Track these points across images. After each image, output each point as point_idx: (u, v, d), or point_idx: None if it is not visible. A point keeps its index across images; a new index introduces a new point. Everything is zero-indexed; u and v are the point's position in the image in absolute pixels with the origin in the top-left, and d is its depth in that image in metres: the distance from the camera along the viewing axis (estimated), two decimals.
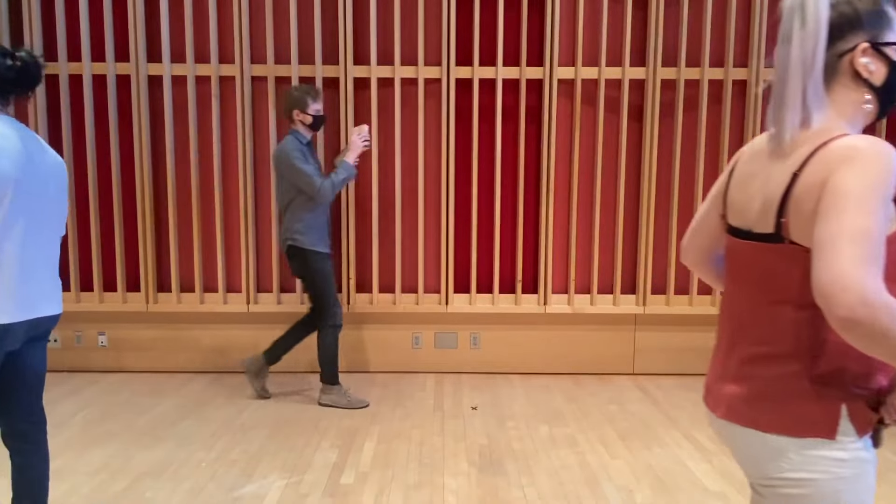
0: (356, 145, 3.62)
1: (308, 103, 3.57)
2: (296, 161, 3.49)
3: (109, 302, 4.25)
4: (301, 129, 3.62)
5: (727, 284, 1.28)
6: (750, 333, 1.19)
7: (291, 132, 3.62)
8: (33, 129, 4.08)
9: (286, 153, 3.52)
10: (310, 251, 3.60)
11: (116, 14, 4.10)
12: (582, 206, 4.29)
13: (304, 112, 3.58)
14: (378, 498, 2.67)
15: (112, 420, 3.48)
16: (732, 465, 2.99)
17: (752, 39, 4.14)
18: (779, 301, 1.14)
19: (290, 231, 3.61)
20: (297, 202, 3.58)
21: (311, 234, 3.60)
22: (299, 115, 3.59)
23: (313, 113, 3.59)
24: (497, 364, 4.36)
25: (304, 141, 3.61)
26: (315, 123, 3.63)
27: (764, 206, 1.14)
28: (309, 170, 3.51)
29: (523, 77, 4.14)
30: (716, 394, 1.27)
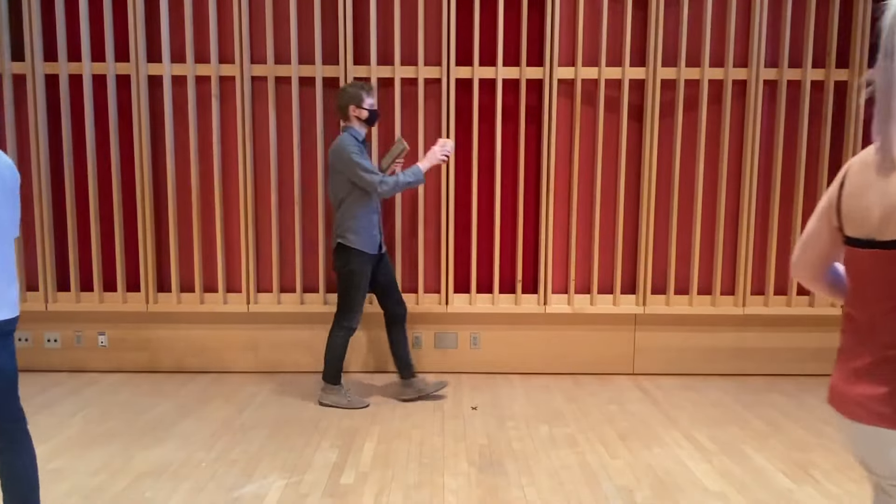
0: (435, 156, 3.61)
1: (363, 98, 3.58)
2: (353, 156, 3.48)
3: (109, 302, 4.25)
4: (356, 125, 3.62)
5: (851, 291, 1.32)
6: (879, 338, 1.24)
7: (346, 129, 3.61)
8: (33, 129, 4.10)
9: (344, 148, 3.51)
10: (355, 251, 3.59)
11: (116, 14, 4.10)
12: (582, 206, 4.29)
13: (359, 107, 3.58)
14: (378, 498, 2.67)
15: (112, 420, 3.48)
16: (732, 465, 2.99)
17: (752, 39, 4.14)
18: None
19: (341, 229, 3.60)
20: (350, 200, 3.56)
21: (362, 234, 3.59)
22: (355, 110, 3.58)
23: (368, 107, 3.60)
24: (497, 364, 4.36)
25: (359, 138, 3.60)
26: (370, 118, 3.63)
27: (884, 215, 1.18)
28: (368, 165, 3.50)
29: (523, 77, 4.14)
30: (844, 395, 1.31)
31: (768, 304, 4.30)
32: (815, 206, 4.46)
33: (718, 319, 4.33)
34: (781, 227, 4.29)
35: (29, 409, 3.68)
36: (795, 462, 3.04)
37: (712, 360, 4.36)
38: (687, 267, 4.32)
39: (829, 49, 4.14)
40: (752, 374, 4.35)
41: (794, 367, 4.37)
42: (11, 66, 4.09)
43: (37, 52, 4.06)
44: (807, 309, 4.30)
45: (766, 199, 4.29)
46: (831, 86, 4.16)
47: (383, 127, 4.21)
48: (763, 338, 4.35)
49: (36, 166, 4.12)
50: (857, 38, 4.13)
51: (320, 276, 4.24)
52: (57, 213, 4.23)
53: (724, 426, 3.47)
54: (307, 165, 4.22)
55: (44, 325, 4.28)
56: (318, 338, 4.31)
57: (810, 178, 4.27)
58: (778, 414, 3.66)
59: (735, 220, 4.29)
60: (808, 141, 4.23)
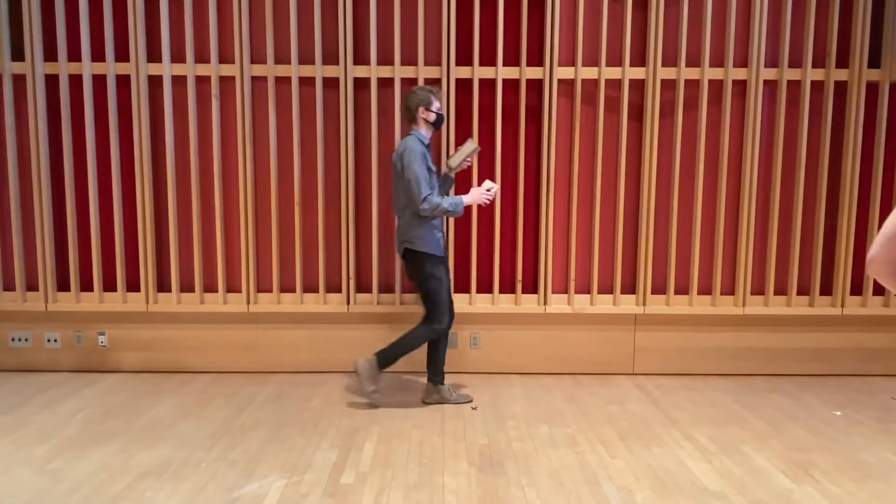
0: (480, 196, 3.60)
1: (432, 101, 3.58)
2: (414, 163, 3.46)
3: (109, 302, 4.25)
4: (423, 129, 3.62)
5: None
6: None
7: (413, 132, 3.60)
8: (33, 129, 4.10)
9: (411, 152, 3.49)
10: (425, 254, 3.57)
11: (116, 14, 4.11)
12: (582, 206, 4.29)
13: (428, 110, 3.58)
14: (378, 498, 2.67)
15: (112, 420, 3.48)
16: (732, 465, 2.99)
17: (752, 39, 4.14)
18: None
19: (407, 234, 3.58)
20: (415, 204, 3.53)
21: (427, 237, 3.57)
22: (424, 112, 3.58)
23: (436, 111, 3.60)
24: (497, 364, 4.36)
25: (425, 142, 3.59)
26: (437, 121, 3.63)
27: None
28: (422, 176, 3.47)
29: (523, 77, 4.14)
30: None
31: (768, 304, 4.30)
32: (815, 206, 4.45)
33: (718, 319, 4.33)
34: (781, 227, 4.29)
35: (29, 409, 3.70)
36: (795, 462, 3.04)
37: (712, 360, 4.36)
38: (687, 267, 4.32)
39: (829, 49, 4.14)
40: (752, 374, 4.35)
41: (794, 367, 4.37)
42: (11, 66, 4.09)
43: (37, 52, 4.06)
44: (807, 309, 4.30)
45: (766, 199, 4.29)
46: (831, 86, 4.16)
47: (383, 127, 4.21)
48: (763, 338, 4.35)
49: (36, 166, 4.12)
50: (857, 38, 4.12)
51: (320, 276, 4.24)
52: (57, 213, 4.23)
53: (724, 426, 3.47)
54: (307, 165, 4.22)
55: (44, 325, 4.28)
56: (319, 338, 4.32)
57: (810, 178, 4.28)
58: (778, 414, 3.66)
59: (735, 220, 4.29)
60: (808, 141, 4.24)
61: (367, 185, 4.24)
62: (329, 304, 4.26)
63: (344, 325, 4.31)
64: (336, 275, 4.31)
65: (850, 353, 4.36)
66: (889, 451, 3.17)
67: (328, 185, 4.25)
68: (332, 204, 4.27)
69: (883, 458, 3.10)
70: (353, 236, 4.23)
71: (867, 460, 3.07)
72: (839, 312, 4.30)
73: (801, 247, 4.30)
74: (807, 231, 4.31)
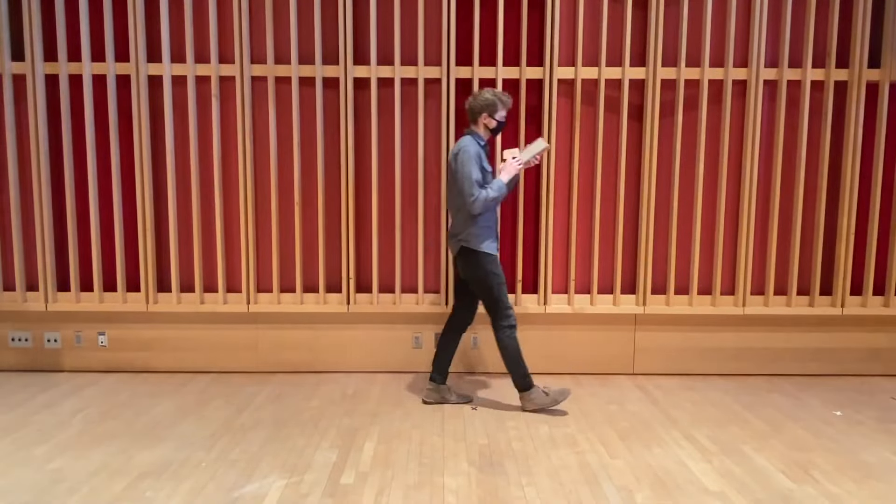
0: (511, 166, 3.57)
1: (498, 108, 3.55)
2: (467, 163, 3.45)
3: (109, 302, 4.25)
4: (481, 132, 3.60)
5: None
6: None
7: (471, 133, 3.58)
8: (33, 129, 4.10)
9: (465, 152, 3.48)
10: (482, 253, 3.54)
11: (116, 14, 4.10)
12: (582, 206, 4.29)
13: (491, 117, 3.56)
14: (378, 498, 2.67)
15: (112, 420, 3.48)
16: (732, 465, 2.99)
17: (752, 39, 4.14)
18: None
19: (462, 232, 3.56)
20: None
21: (483, 235, 3.54)
22: (487, 118, 3.56)
23: (499, 119, 3.58)
24: (497, 364, 4.34)
25: (481, 143, 3.58)
26: (497, 129, 3.61)
27: None
28: (475, 176, 3.45)
29: (523, 77, 4.14)
30: None
31: (768, 304, 4.30)
32: (815, 206, 4.46)
33: (718, 319, 4.33)
34: (781, 227, 4.29)
35: (29, 409, 3.70)
36: (795, 462, 3.04)
37: (712, 360, 4.36)
38: (687, 267, 4.32)
39: (829, 49, 4.14)
40: (752, 374, 4.35)
41: (794, 367, 4.37)
42: (11, 66, 4.09)
43: (37, 52, 4.06)
44: (807, 309, 4.30)
45: (766, 199, 4.29)
46: (831, 86, 4.16)
47: (383, 127, 4.21)
48: (763, 338, 4.35)
49: (36, 166, 4.12)
50: (857, 38, 4.12)
51: (320, 275, 4.24)
52: (57, 213, 4.23)
53: (724, 426, 3.47)
54: (307, 165, 4.22)
55: (44, 325, 4.28)
56: (319, 338, 4.32)
57: (810, 178, 4.28)
58: (778, 414, 3.66)
59: (735, 220, 4.29)
60: (808, 141, 4.24)
61: (367, 185, 4.24)
62: (329, 304, 4.26)
63: (344, 325, 4.31)
64: (336, 275, 4.31)
65: (850, 353, 4.36)
66: (889, 451, 3.17)
67: (328, 185, 4.25)
68: (332, 204, 4.27)
69: (883, 458, 3.10)
70: (353, 236, 4.23)
71: (867, 460, 3.07)
72: (839, 312, 4.30)
73: (801, 247, 4.30)
74: (807, 231, 4.31)
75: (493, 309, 3.61)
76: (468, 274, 3.62)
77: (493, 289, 3.57)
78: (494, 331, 3.64)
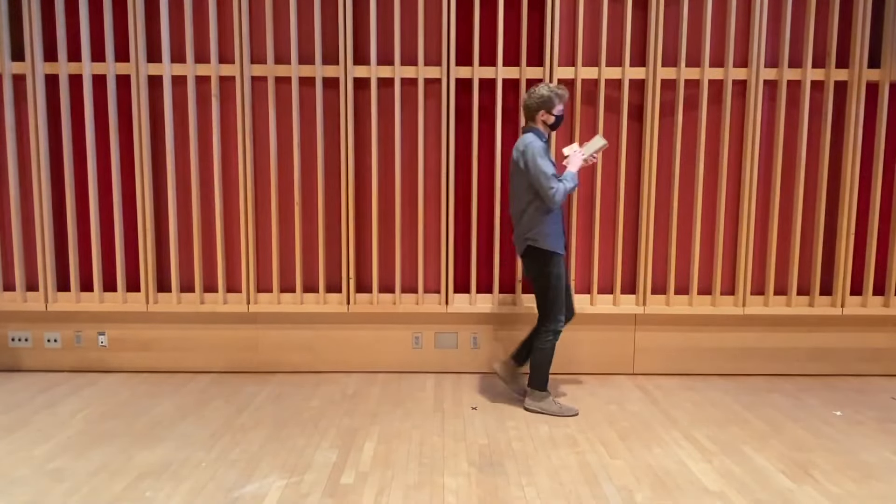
0: (578, 157, 3.58)
1: (556, 104, 3.54)
2: (538, 158, 3.43)
3: (109, 302, 4.25)
4: (540, 128, 3.59)
5: None
6: None
7: (531, 130, 3.57)
8: (33, 129, 4.10)
9: (533, 148, 3.46)
10: (550, 253, 3.53)
11: (116, 14, 4.11)
12: (582, 206, 4.29)
13: (549, 112, 3.55)
14: (378, 498, 2.67)
15: (112, 420, 3.48)
16: (732, 465, 2.99)
17: (752, 39, 4.14)
18: None
19: (530, 231, 3.53)
20: (539, 201, 3.50)
21: (552, 235, 3.53)
22: (544, 114, 3.55)
23: (557, 114, 3.57)
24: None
25: (543, 139, 3.56)
26: (555, 124, 3.60)
27: None
28: (549, 170, 3.44)
29: (523, 77, 4.14)
30: None
31: (768, 304, 4.30)
32: (815, 206, 4.45)
33: (718, 319, 4.33)
34: (781, 227, 4.29)
35: (29, 409, 3.70)
36: (795, 462, 3.04)
37: (712, 360, 4.36)
38: (687, 267, 4.32)
39: (829, 49, 4.14)
40: (752, 374, 4.35)
41: (794, 367, 4.37)
42: (11, 66, 4.09)
43: (37, 52, 4.06)
44: (807, 309, 4.30)
45: (766, 199, 4.29)
46: (831, 86, 4.16)
47: (383, 127, 4.21)
48: (763, 338, 4.35)
49: (36, 166, 4.12)
50: (857, 38, 4.12)
51: (320, 275, 4.24)
52: (57, 213, 4.23)
53: (724, 426, 3.47)
54: (307, 165, 4.22)
55: (44, 325, 4.28)
56: (318, 338, 4.32)
57: (810, 178, 4.28)
58: (778, 414, 3.66)
59: (735, 220, 4.29)
60: (808, 141, 4.24)
61: (367, 185, 4.24)
62: (329, 304, 4.26)
63: (344, 325, 4.32)
64: (336, 275, 4.31)
65: (850, 353, 4.36)
66: (889, 451, 3.17)
67: (328, 185, 4.25)
68: (332, 204, 4.27)
69: (883, 458, 3.10)
70: (353, 236, 4.23)
71: (867, 460, 3.07)
72: (839, 312, 4.30)
73: (801, 247, 4.30)
74: (807, 231, 4.31)
75: (546, 310, 3.61)
76: (533, 272, 3.61)
77: (552, 290, 3.57)
78: (537, 330, 3.65)
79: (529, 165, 3.45)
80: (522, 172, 3.50)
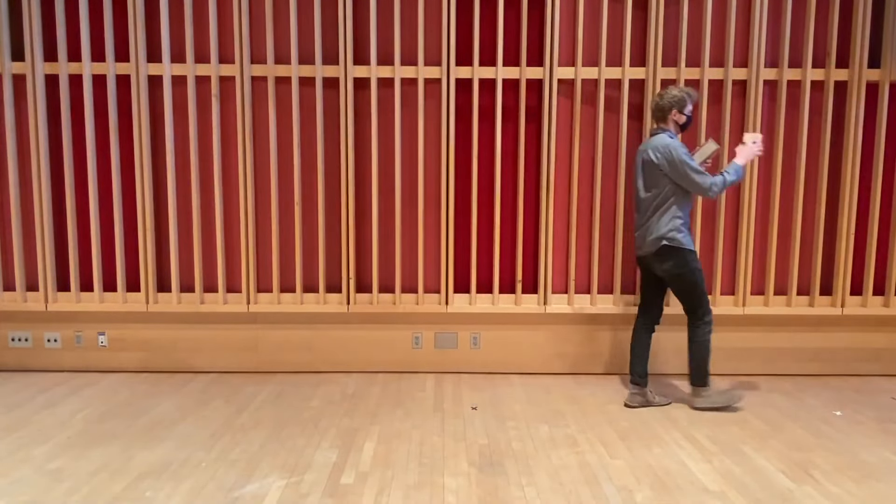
0: (752, 152, 3.59)
1: (687, 104, 3.58)
2: (685, 157, 3.48)
3: (109, 302, 4.25)
4: (672, 129, 3.61)
5: None
6: None
7: (663, 131, 3.60)
8: (33, 129, 4.10)
9: (675, 148, 3.49)
10: (687, 251, 3.56)
11: (116, 14, 4.11)
12: (582, 206, 4.29)
13: (681, 112, 3.58)
14: (378, 498, 2.67)
15: (112, 420, 3.48)
16: (732, 465, 2.99)
17: (752, 39, 4.14)
18: None
19: (665, 230, 3.55)
20: (674, 199, 3.53)
21: (687, 233, 3.58)
22: (676, 114, 3.58)
23: (688, 114, 3.61)
24: (497, 364, 4.36)
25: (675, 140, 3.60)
26: (686, 124, 3.64)
27: None
28: (698, 166, 3.49)
29: (523, 77, 4.14)
30: None
31: (768, 304, 4.30)
32: (815, 206, 4.43)
33: (719, 319, 4.32)
34: (781, 227, 4.29)
35: (29, 409, 3.70)
36: (795, 462, 3.04)
37: (712, 360, 4.35)
38: None
39: (829, 49, 4.14)
40: (752, 374, 4.35)
41: (794, 367, 4.37)
42: (11, 66, 4.09)
43: (37, 52, 4.06)
44: (807, 309, 4.30)
45: (766, 199, 4.29)
46: (831, 86, 4.16)
47: (383, 127, 4.22)
48: (763, 338, 4.35)
49: (36, 166, 4.12)
50: (857, 38, 4.12)
51: (320, 276, 4.24)
52: (57, 213, 4.23)
53: (724, 426, 3.47)
54: (307, 165, 4.22)
55: (44, 325, 4.28)
56: (318, 338, 4.32)
57: (810, 178, 4.28)
58: (778, 414, 3.66)
59: (735, 220, 4.29)
60: (808, 141, 4.24)
61: (367, 185, 4.24)
62: (329, 304, 4.26)
63: (344, 325, 4.32)
64: (336, 275, 4.31)
65: (850, 353, 4.36)
66: (889, 451, 3.17)
67: (328, 185, 4.25)
68: (332, 204, 4.27)
69: (883, 458, 3.10)
70: (353, 236, 4.23)
71: (867, 460, 3.07)
72: (839, 312, 4.30)
73: (801, 247, 4.30)
74: (807, 231, 4.31)
75: (696, 306, 3.62)
76: (671, 272, 3.61)
77: (698, 286, 3.59)
78: (692, 327, 3.66)
79: (677, 165, 3.49)
80: (660, 172, 3.54)
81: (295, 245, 4.25)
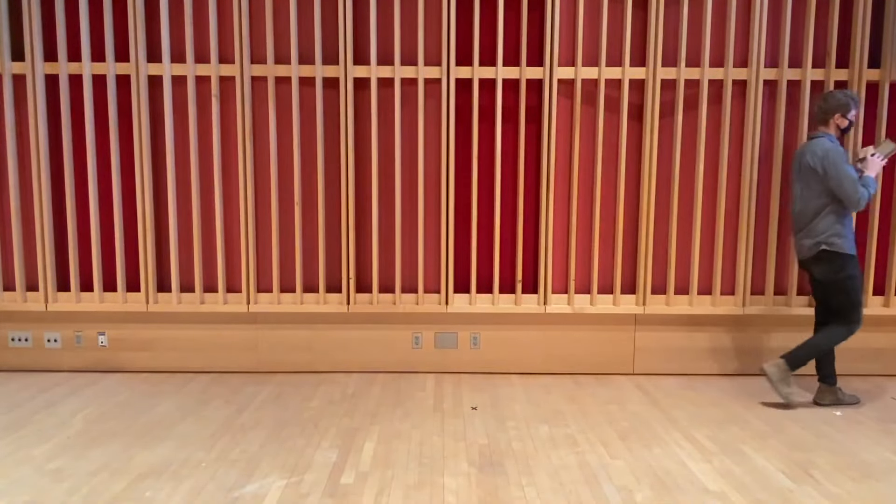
0: (875, 162, 3.61)
1: (851, 108, 3.59)
2: (842, 164, 3.49)
3: (109, 302, 4.25)
4: (833, 133, 3.62)
5: None
6: None
7: (824, 135, 3.60)
8: (33, 129, 4.10)
9: (836, 154, 3.50)
10: (848, 255, 3.57)
11: (116, 14, 4.11)
12: (582, 206, 4.29)
13: (844, 116, 3.59)
14: (378, 498, 2.67)
15: (112, 420, 3.48)
16: (732, 465, 2.99)
17: (752, 39, 4.14)
18: None
19: (827, 234, 3.57)
20: (836, 204, 3.55)
21: (849, 236, 3.59)
22: (839, 118, 3.59)
23: (851, 119, 3.61)
24: (497, 364, 4.36)
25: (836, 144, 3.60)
26: (847, 128, 3.64)
27: None
28: (855, 175, 3.50)
29: (523, 77, 4.14)
30: None
31: (768, 304, 4.30)
32: None
33: (718, 319, 4.33)
34: (781, 227, 4.29)
35: (29, 409, 3.70)
36: (795, 462, 3.04)
37: (712, 360, 4.36)
38: (687, 267, 4.32)
39: (829, 49, 4.14)
40: (752, 374, 4.35)
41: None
42: (11, 66, 4.09)
43: (37, 52, 4.06)
44: (806, 309, 4.30)
45: (766, 199, 4.29)
46: (831, 86, 4.15)
47: (383, 127, 4.22)
48: (762, 338, 4.35)
49: (36, 166, 4.12)
50: (857, 38, 4.12)
51: (320, 275, 4.24)
52: (57, 213, 4.23)
53: (724, 426, 3.47)
54: (307, 165, 4.23)
55: (44, 325, 4.28)
56: (318, 338, 4.32)
57: None
58: (778, 414, 3.66)
59: (735, 220, 4.29)
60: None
61: (367, 185, 4.25)
62: (329, 304, 4.26)
63: (344, 325, 4.32)
64: (336, 275, 4.31)
65: (850, 353, 4.36)
66: (889, 451, 3.17)
67: (328, 185, 4.25)
68: (332, 204, 4.27)
69: (883, 458, 3.10)
70: (353, 236, 4.23)
71: (867, 460, 3.07)
72: None
73: None
74: None
75: (847, 311, 3.63)
76: (828, 276, 3.62)
77: (854, 292, 3.60)
78: (834, 324, 3.66)
79: (832, 171, 3.49)
80: (818, 176, 3.55)
81: (295, 245, 4.25)
